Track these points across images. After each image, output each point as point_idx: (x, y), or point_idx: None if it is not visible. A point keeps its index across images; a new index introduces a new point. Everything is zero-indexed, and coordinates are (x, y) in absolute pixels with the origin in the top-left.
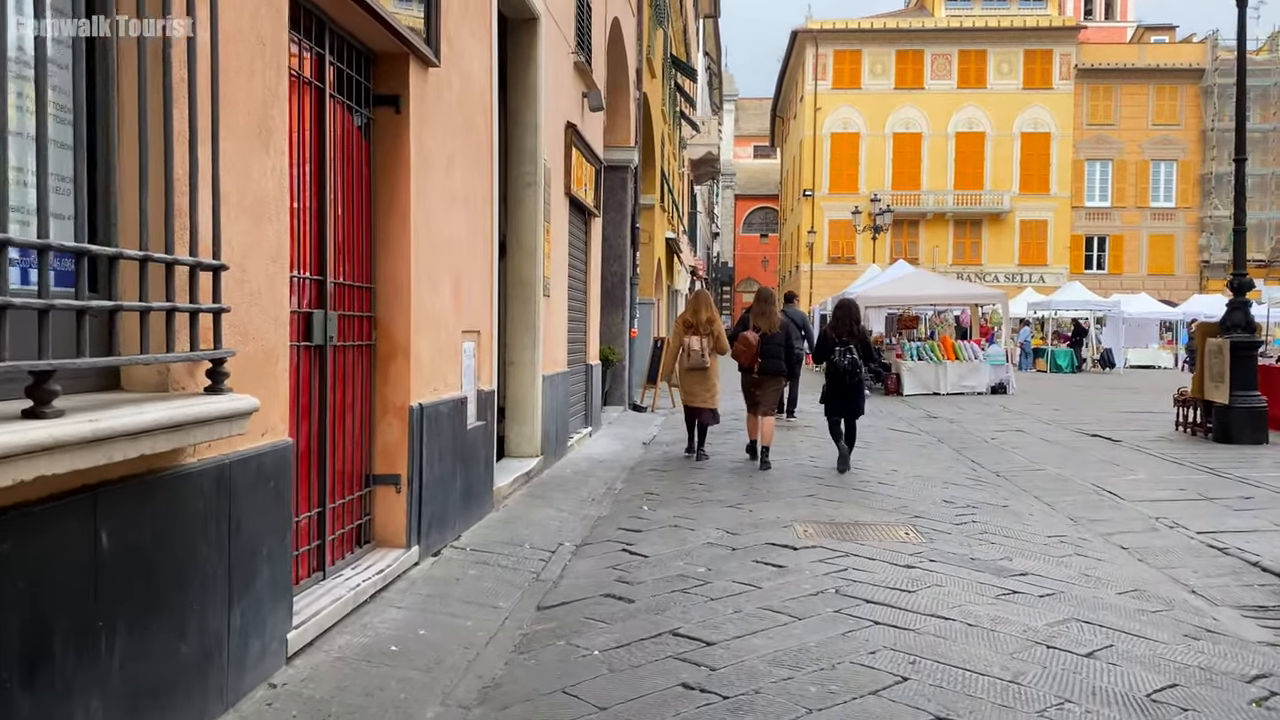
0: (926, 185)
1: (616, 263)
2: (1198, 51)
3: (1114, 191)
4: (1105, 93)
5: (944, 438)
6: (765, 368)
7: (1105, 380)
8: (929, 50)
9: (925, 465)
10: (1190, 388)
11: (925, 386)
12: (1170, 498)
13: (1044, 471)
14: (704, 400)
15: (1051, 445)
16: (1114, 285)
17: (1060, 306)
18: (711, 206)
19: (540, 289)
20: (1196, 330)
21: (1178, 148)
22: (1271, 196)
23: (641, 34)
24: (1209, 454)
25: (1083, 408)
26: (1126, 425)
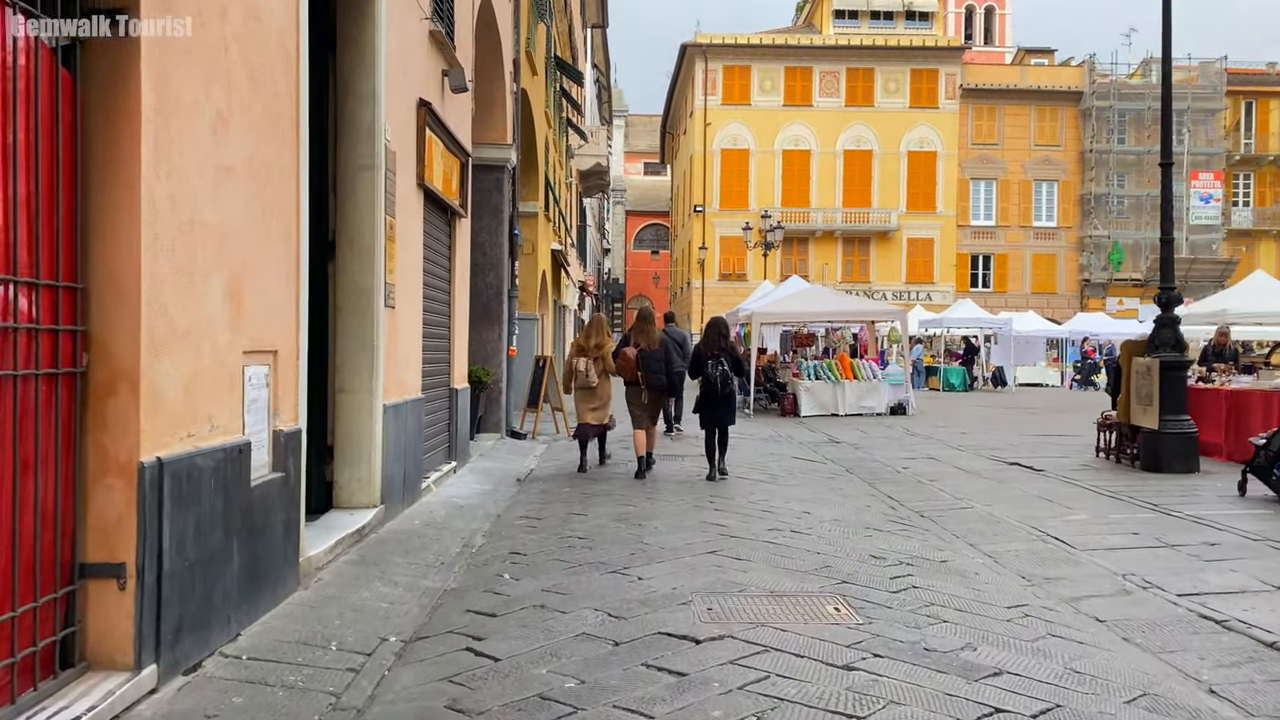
0: (816, 203)
1: (492, 273)
2: (1076, 75)
3: (998, 210)
4: (989, 113)
5: (853, 467)
6: (646, 382)
7: (1000, 399)
8: (818, 67)
9: (840, 505)
10: (1116, 411)
11: (823, 407)
12: (1125, 545)
13: (972, 510)
14: (593, 418)
15: (971, 476)
16: (999, 303)
17: (952, 324)
18: (602, 222)
19: (380, 298)
20: (1122, 349)
21: (1058, 168)
22: (1147, 217)
23: (520, 23)
24: (1144, 486)
25: (989, 430)
26: (1042, 451)
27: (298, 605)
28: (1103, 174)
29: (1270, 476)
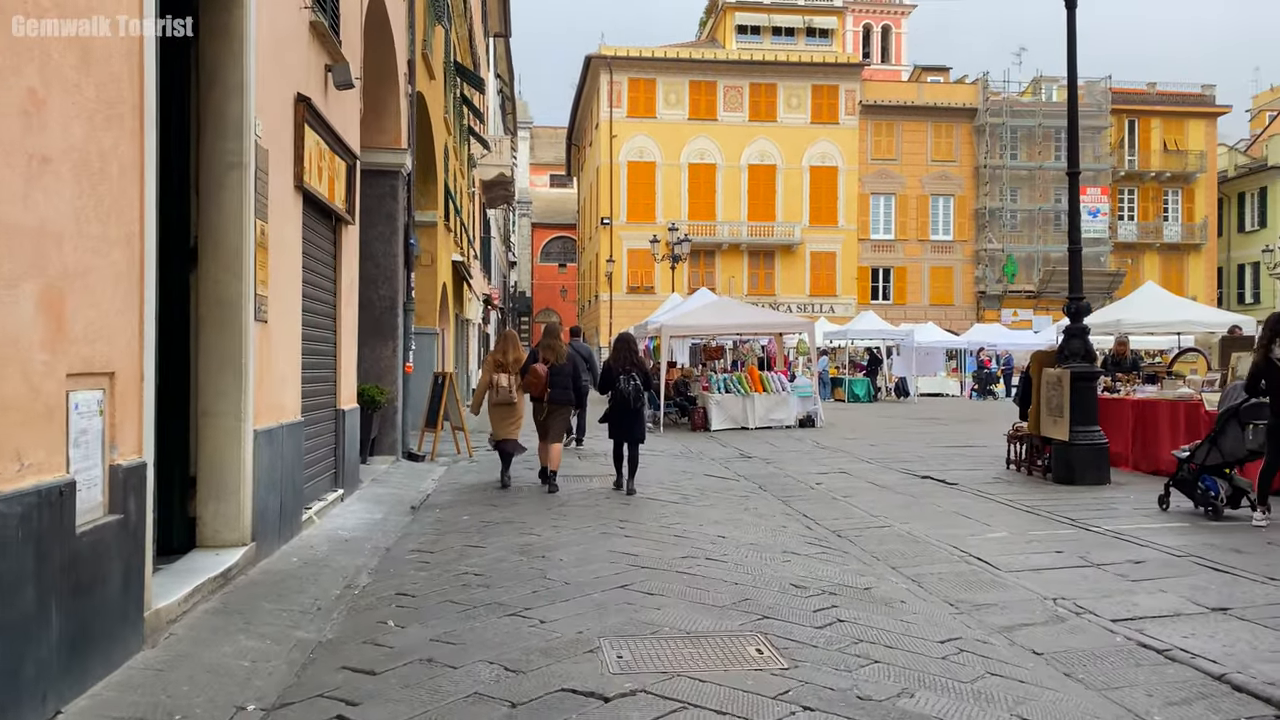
0: (722, 216)
1: (386, 285)
2: (970, 92)
3: (897, 224)
4: (888, 129)
5: (766, 484)
6: (554, 397)
7: (904, 410)
8: (722, 82)
9: (755, 527)
10: (1027, 423)
11: (733, 421)
12: (1050, 564)
13: (890, 529)
14: (509, 432)
15: (885, 491)
16: (899, 315)
17: (856, 336)
18: (508, 234)
19: (250, 310)
20: (1032, 360)
21: (954, 183)
22: (1039, 231)
23: (415, 24)
24: (1058, 499)
25: (897, 442)
26: (953, 463)
27: (140, 669)
28: (996, 189)
29: (1195, 490)
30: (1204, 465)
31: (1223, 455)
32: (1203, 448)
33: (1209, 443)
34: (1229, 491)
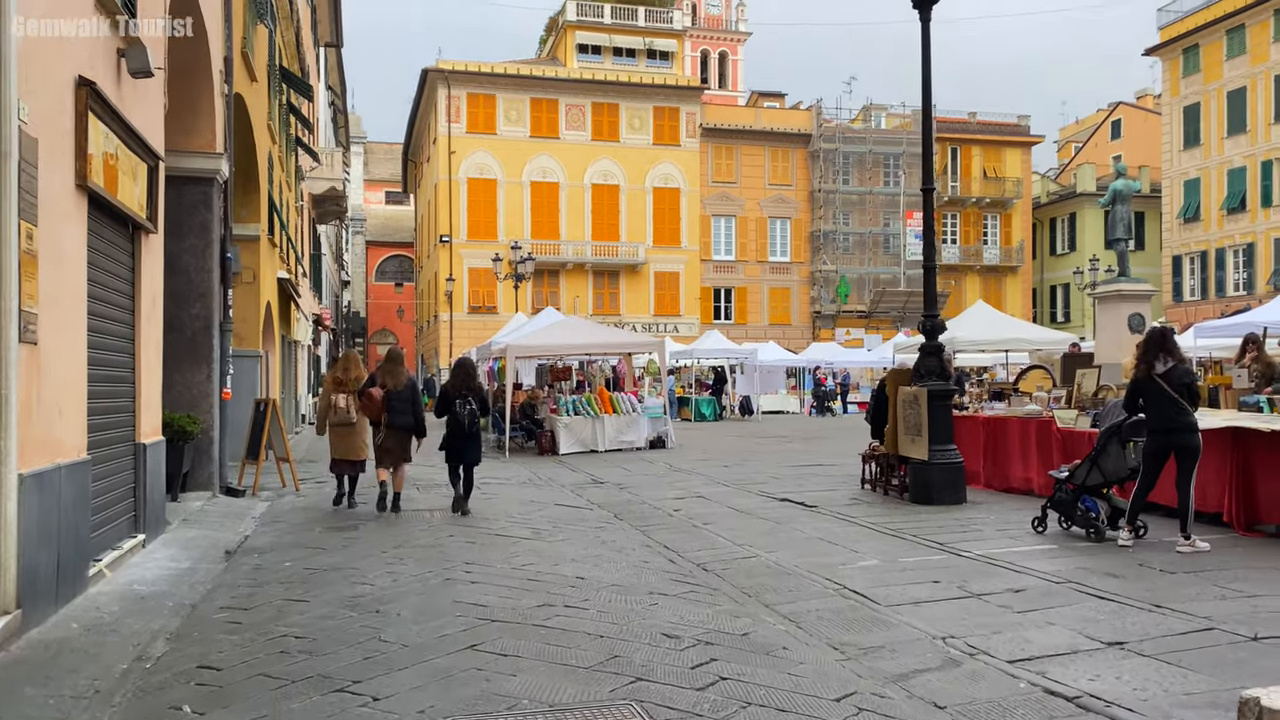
0: (565, 235)
1: (199, 303)
2: (805, 118)
3: (738, 245)
4: (727, 152)
5: (622, 513)
6: (392, 421)
7: (750, 428)
8: (564, 100)
9: (616, 563)
10: (883, 441)
11: (583, 444)
12: (930, 596)
13: (757, 560)
14: (352, 454)
15: (745, 517)
16: (740, 334)
17: (702, 355)
18: (340, 252)
19: (13, 329)
20: (888, 377)
21: (791, 206)
22: (870, 254)
23: (232, 17)
24: (921, 521)
25: (750, 463)
26: (808, 484)
27: None
28: (830, 212)
29: (1075, 512)
30: (1084, 485)
31: (1104, 475)
32: (1083, 467)
33: (1090, 462)
34: (1109, 512)
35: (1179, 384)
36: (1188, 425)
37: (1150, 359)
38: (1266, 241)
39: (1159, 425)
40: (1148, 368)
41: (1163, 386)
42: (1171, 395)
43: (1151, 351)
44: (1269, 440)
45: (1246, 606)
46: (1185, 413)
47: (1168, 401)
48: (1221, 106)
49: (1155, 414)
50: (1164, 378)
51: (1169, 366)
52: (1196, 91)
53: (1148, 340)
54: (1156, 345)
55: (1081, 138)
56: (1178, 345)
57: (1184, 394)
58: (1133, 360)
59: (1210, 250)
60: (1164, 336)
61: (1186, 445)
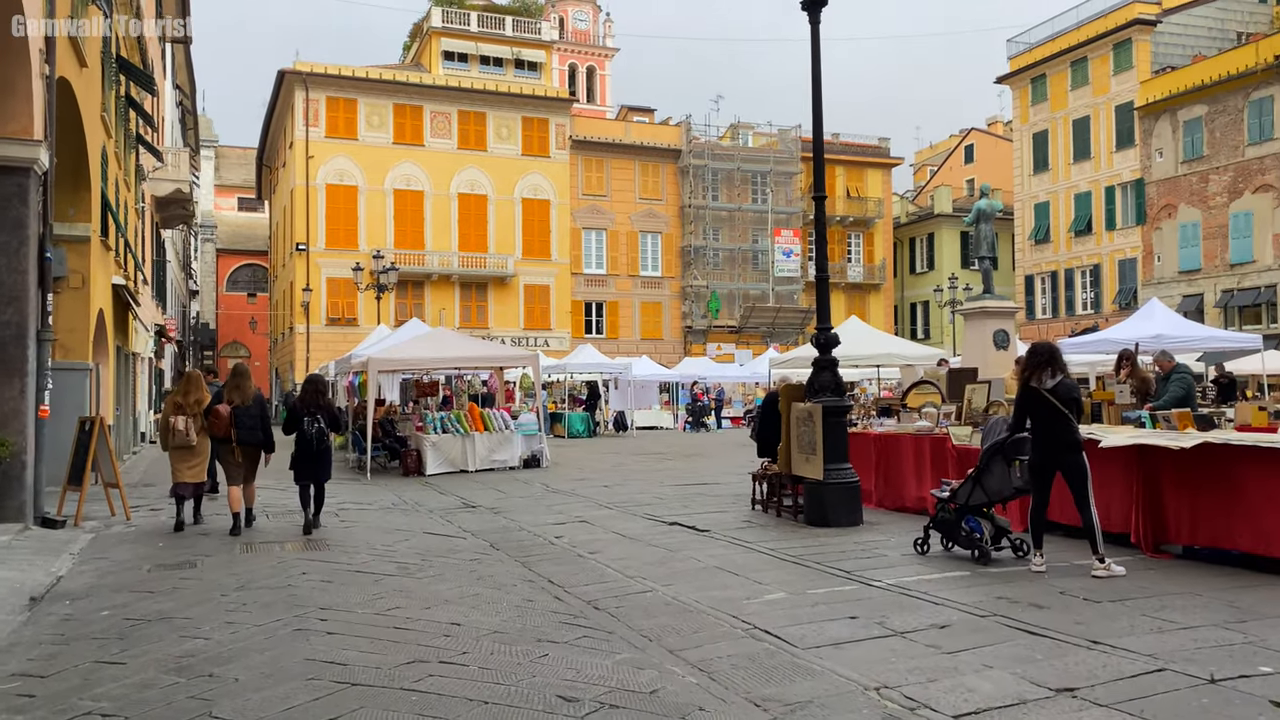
0: (431, 245)
1: (11, 309)
2: (674, 134)
3: (609, 259)
4: (598, 165)
5: (499, 542)
6: (241, 438)
7: (625, 444)
8: (429, 107)
9: (496, 605)
10: (775, 460)
11: (452, 464)
12: (850, 636)
13: (654, 594)
14: (191, 476)
15: (634, 544)
16: (612, 349)
17: (575, 369)
18: (188, 260)
19: None
20: (781, 392)
21: (661, 221)
22: (739, 270)
23: None
24: (821, 546)
25: (631, 482)
26: (695, 505)
27: None
28: (700, 228)
29: (959, 533)
30: (967, 505)
31: (987, 494)
32: (965, 486)
33: (972, 481)
34: (992, 532)
35: (1067, 399)
36: (1073, 443)
37: (1039, 373)
38: (1111, 263)
39: (1044, 441)
40: (1036, 382)
41: (1051, 402)
42: (1060, 410)
43: (1040, 366)
44: (1177, 459)
45: (1187, 641)
46: (1071, 430)
47: (1054, 417)
48: (1068, 134)
49: (1041, 430)
50: (1052, 393)
51: (1057, 381)
52: (1045, 119)
53: (1035, 355)
54: (1045, 360)
55: (936, 161)
56: (1064, 360)
57: (1072, 409)
58: (1014, 374)
59: (1060, 270)
60: (1052, 351)
61: (1071, 464)
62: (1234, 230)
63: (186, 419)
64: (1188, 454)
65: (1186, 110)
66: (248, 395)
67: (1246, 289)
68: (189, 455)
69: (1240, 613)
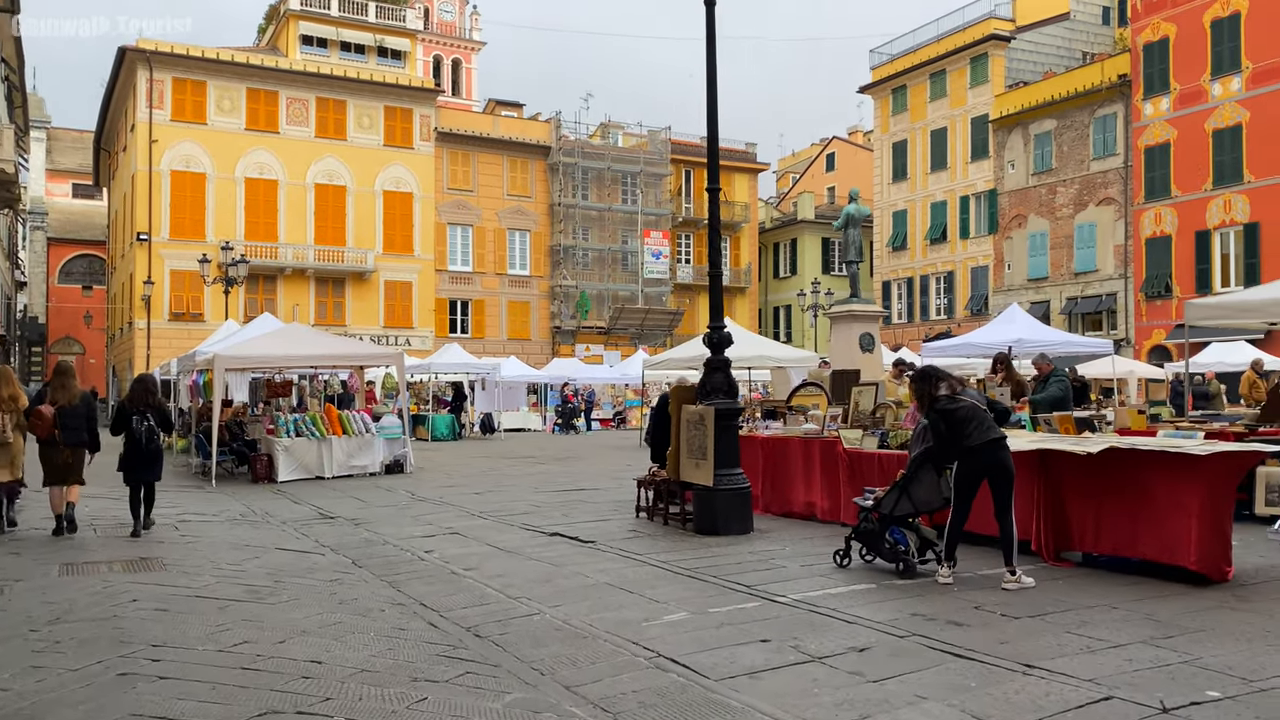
0: (285, 238)
1: None
2: (544, 130)
3: (475, 257)
4: (464, 159)
5: (362, 559)
6: (67, 439)
7: (493, 447)
8: (285, 93)
9: (362, 635)
10: (664, 465)
11: (307, 470)
12: (765, 663)
13: (541, 618)
14: (6, 475)
15: (514, 558)
16: (478, 349)
17: (440, 369)
18: (14, 249)
19: None
20: (672, 394)
21: (530, 219)
22: (609, 270)
23: None
24: (715, 557)
25: (504, 489)
26: (576, 514)
27: None
28: (570, 227)
29: (883, 544)
30: (891, 515)
31: (914, 504)
32: (891, 495)
33: (899, 490)
34: (917, 543)
35: (989, 402)
36: (1003, 444)
37: (930, 396)
38: (964, 270)
39: (977, 447)
40: (931, 404)
41: (977, 406)
42: (986, 414)
43: (928, 389)
44: (1081, 465)
45: (1122, 662)
46: (1002, 435)
47: (988, 420)
48: (926, 144)
49: (970, 435)
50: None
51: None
52: (904, 129)
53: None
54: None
55: (799, 169)
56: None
57: (1003, 411)
58: (891, 375)
59: (916, 277)
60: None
61: (1005, 465)
62: (1079, 240)
63: (2, 416)
64: (1092, 460)
65: (1037, 124)
66: (72, 394)
67: (1089, 296)
68: (2, 453)
69: (1163, 627)
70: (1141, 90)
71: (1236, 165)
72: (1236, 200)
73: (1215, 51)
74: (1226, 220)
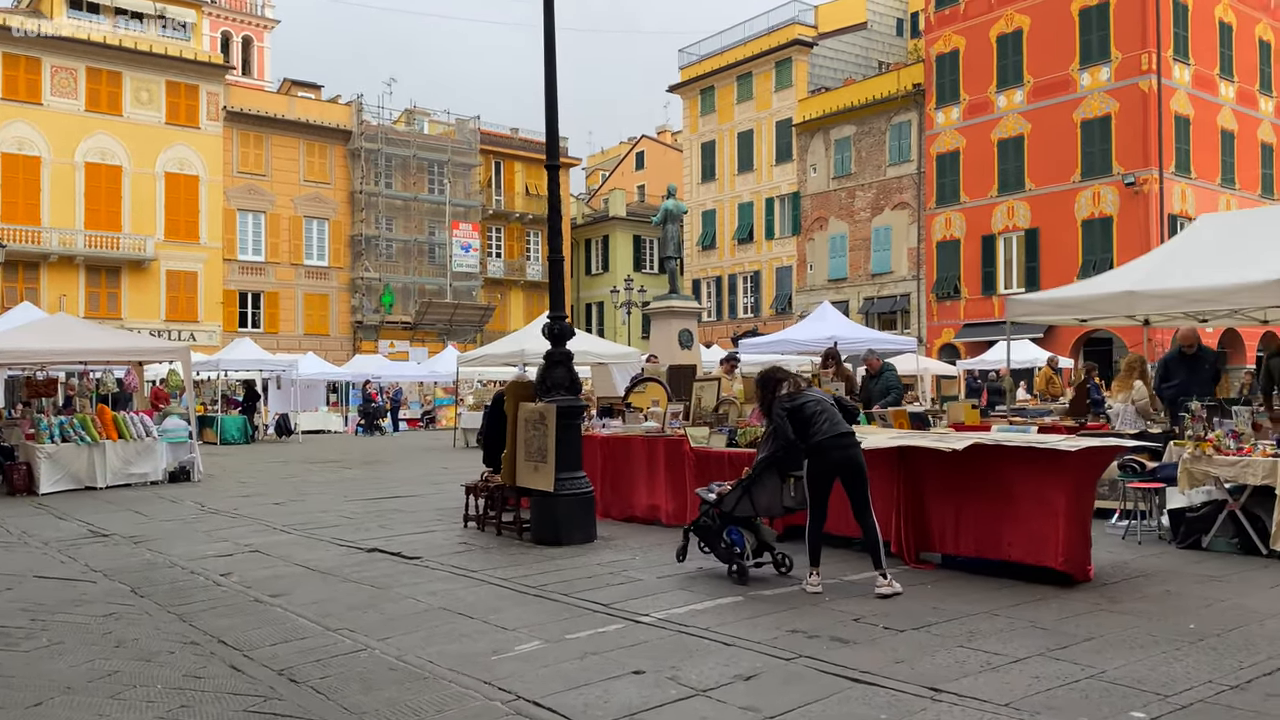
0: (50, 221)
1: None
2: (344, 113)
3: (268, 246)
4: (256, 141)
5: (144, 586)
6: None
7: (292, 451)
8: (49, 60)
9: (147, 690)
10: (499, 469)
11: (75, 479)
12: (643, 701)
13: (369, 654)
14: None
15: (330, 580)
16: (271, 344)
17: (230, 366)
18: None
19: None
20: (508, 390)
21: (329, 206)
22: (415, 262)
23: None
24: (560, 570)
25: (309, 497)
26: (397, 525)
27: None
28: (372, 216)
29: (719, 542)
30: (732, 514)
31: (755, 507)
32: (733, 494)
33: (742, 489)
34: (754, 545)
35: (837, 399)
36: (856, 441)
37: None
38: (770, 271)
39: (826, 443)
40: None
41: (824, 400)
42: (840, 409)
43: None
44: (940, 461)
45: (1029, 680)
46: (851, 430)
47: (836, 416)
48: (734, 145)
49: (822, 430)
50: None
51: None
52: (713, 130)
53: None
54: (774, 384)
55: (608, 166)
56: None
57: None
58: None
59: (724, 276)
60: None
61: (855, 460)
62: (875, 243)
63: None
64: (953, 458)
65: (838, 129)
66: None
67: (885, 297)
68: None
69: (1053, 635)
70: (934, 100)
71: (1019, 174)
72: (1019, 207)
73: (1001, 65)
74: (1010, 226)
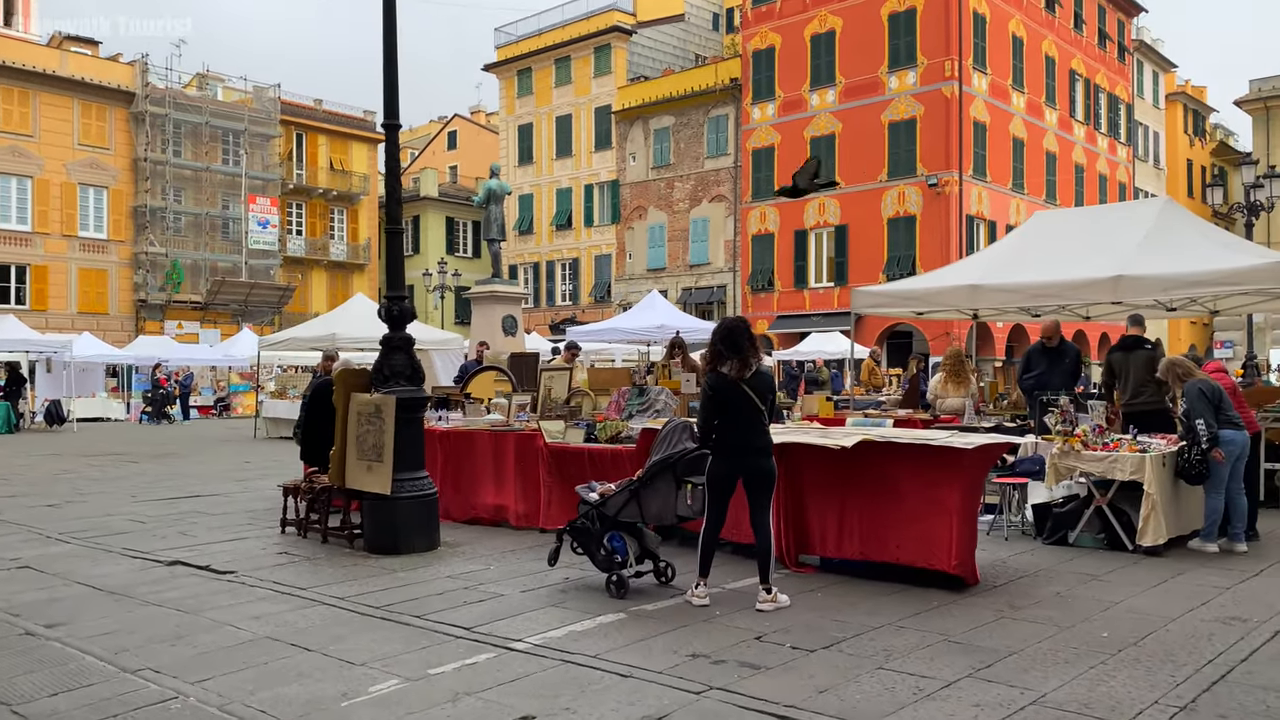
0: None
1: None
2: (127, 74)
3: (35, 215)
4: (22, 98)
5: None
6: None
7: (67, 443)
8: None
9: None
10: (330, 470)
11: None
12: None
13: (183, 704)
14: None
15: (123, 603)
16: (39, 323)
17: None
18: None
19: None
20: (337, 379)
21: (109, 174)
22: (206, 237)
23: None
24: (405, 585)
25: (90, 498)
26: (197, 530)
27: None
28: (159, 186)
29: (598, 551)
30: (616, 519)
31: (643, 514)
32: (619, 498)
33: (629, 493)
34: (638, 552)
35: (764, 391)
36: (766, 446)
37: (736, 360)
38: (589, 258)
39: (734, 444)
40: (732, 371)
41: (749, 395)
42: (757, 406)
43: (739, 349)
44: (820, 459)
45: (970, 709)
46: (765, 431)
47: (751, 414)
48: (551, 129)
49: (731, 430)
50: (751, 384)
51: (753, 371)
52: (530, 112)
53: (731, 333)
54: (745, 342)
55: (418, 145)
56: (756, 341)
57: (768, 404)
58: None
59: (542, 262)
60: (748, 331)
61: (767, 470)
62: (693, 234)
63: None
64: (836, 456)
65: (657, 119)
66: None
67: (702, 288)
68: None
69: (973, 652)
70: (750, 95)
71: (830, 172)
72: (830, 204)
73: (815, 65)
74: (821, 222)
